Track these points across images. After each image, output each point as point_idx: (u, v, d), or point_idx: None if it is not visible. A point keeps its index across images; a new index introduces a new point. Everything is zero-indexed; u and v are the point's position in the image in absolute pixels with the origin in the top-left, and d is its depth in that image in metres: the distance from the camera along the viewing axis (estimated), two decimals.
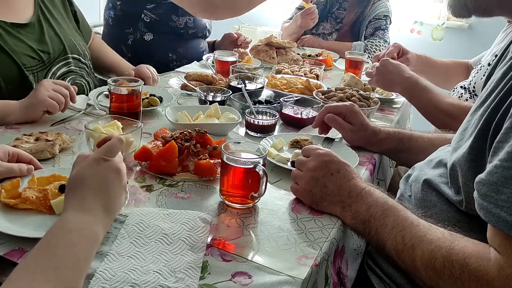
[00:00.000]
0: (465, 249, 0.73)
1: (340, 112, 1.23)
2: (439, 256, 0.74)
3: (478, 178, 0.75)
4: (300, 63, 2.17)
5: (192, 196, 0.94)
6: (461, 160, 0.84)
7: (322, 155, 0.94)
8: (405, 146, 1.21)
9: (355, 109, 1.23)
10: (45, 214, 0.82)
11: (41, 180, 0.89)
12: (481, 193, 0.73)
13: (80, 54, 1.52)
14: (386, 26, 2.64)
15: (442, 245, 0.75)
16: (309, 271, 0.74)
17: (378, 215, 0.83)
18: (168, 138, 1.04)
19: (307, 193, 0.93)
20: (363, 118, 1.23)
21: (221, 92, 1.50)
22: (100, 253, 0.74)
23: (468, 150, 0.82)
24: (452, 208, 0.88)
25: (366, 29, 2.64)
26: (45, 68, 1.38)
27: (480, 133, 0.80)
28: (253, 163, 0.89)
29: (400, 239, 0.79)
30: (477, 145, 0.81)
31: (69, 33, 1.50)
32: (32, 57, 1.34)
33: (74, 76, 1.48)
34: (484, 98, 0.86)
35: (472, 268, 0.71)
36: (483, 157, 0.79)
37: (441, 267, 0.73)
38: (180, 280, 0.70)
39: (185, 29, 2.05)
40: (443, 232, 0.78)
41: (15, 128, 1.18)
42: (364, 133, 1.22)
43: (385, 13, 2.64)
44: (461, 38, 3.43)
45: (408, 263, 0.78)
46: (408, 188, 1.02)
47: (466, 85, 1.70)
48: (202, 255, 0.75)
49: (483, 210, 0.72)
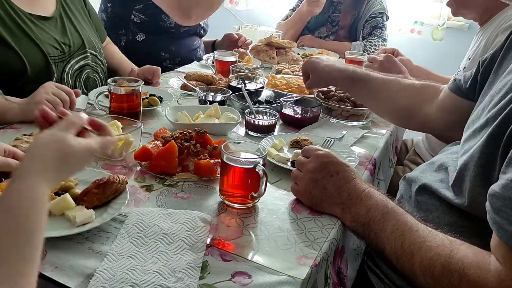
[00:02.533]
0: (465, 258, 0.72)
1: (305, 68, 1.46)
2: (438, 264, 0.73)
3: (492, 190, 0.72)
4: (300, 63, 2.17)
5: (192, 196, 0.94)
6: (470, 164, 0.82)
7: (321, 156, 0.94)
8: (358, 85, 1.31)
9: (312, 59, 1.48)
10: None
11: None
12: (494, 207, 0.71)
13: (96, 51, 1.57)
14: (383, 23, 2.62)
15: (441, 253, 0.74)
16: (309, 271, 0.74)
17: (378, 218, 0.83)
18: (168, 138, 1.04)
19: (307, 194, 0.93)
20: (315, 66, 1.42)
21: (221, 92, 1.50)
22: (100, 253, 0.74)
23: (479, 154, 0.80)
24: (453, 213, 0.87)
25: (363, 28, 2.62)
26: (66, 59, 1.45)
27: (491, 138, 0.78)
28: (253, 163, 0.89)
29: (399, 244, 0.78)
30: (488, 150, 0.79)
31: (87, 30, 1.56)
32: (55, 48, 1.41)
33: (89, 70, 1.53)
34: (498, 100, 0.83)
35: (471, 279, 0.70)
36: (493, 163, 0.77)
37: (439, 275, 0.73)
38: (179, 280, 0.70)
39: (176, 28, 2.05)
40: (443, 239, 0.77)
41: (15, 128, 1.18)
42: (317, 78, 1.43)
43: (381, 10, 2.61)
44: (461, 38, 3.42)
45: (407, 269, 0.77)
46: (408, 189, 1.02)
47: None
48: (202, 255, 0.75)
49: (495, 225, 0.70)
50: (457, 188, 0.86)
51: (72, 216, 0.79)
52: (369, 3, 2.63)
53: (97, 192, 0.84)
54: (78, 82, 1.49)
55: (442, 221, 0.88)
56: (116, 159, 1.05)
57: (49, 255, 0.72)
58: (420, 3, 3.47)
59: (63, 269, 0.70)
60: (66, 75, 1.43)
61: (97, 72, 1.57)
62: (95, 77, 1.56)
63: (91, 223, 0.79)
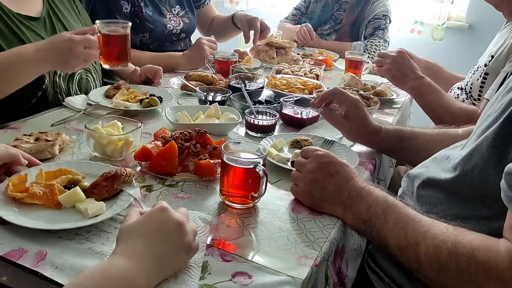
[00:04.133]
0: (472, 242, 0.72)
1: (344, 100, 1.19)
2: (444, 249, 0.73)
3: (508, 168, 0.72)
4: (300, 63, 2.17)
5: (192, 196, 0.94)
6: (483, 145, 0.82)
7: (321, 157, 0.94)
8: (405, 144, 1.20)
9: (359, 104, 1.19)
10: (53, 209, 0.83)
11: (48, 174, 0.90)
12: (510, 184, 0.71)
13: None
14: (386, 25, 2.63)
15: (447, 239, 0.74)
16: (309, 271, 0.74)
17: (379, 213, 0.83)
18: (168, 138, 1.04)
19: (307, 194, 0.93)
20: (363, 115, 1.19)
21: (221, 92, 1.50)
22: (100, 253, 0.74)
23: (494, 135, 0.80)
24: (458, 205, 0.87)
25: (365, 29, 2.63)
26: None
27: (509, 119, 0.79)
28: (253, 163, 0.89)
29: (403, 236, 0.78)
30: (504, 132, 0.79)
31: (76, 28, 1.51)
32: None
33: (82, 71, 1.50)
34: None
35: (481, 260, 0.69)
36: (508, 144, 0.78)
37: (446, 260, 0.72)
38: (180, 280, 0.69)
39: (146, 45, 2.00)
40: (447, 226, 0.77)
41: (15, 128, 1.18)
42: (363, 130, 1.20)
43: (384, 13, 2.63)
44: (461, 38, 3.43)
45: (412, 259, 0.77)
46: (410, 185, 1.01)
47: (463, 86, 1.71)
48: (202, 255, 0.75)
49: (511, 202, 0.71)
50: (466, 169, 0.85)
51: (84, 208, 0.81)
52: (373, 4, 2.64)
53: (106, 185, 0.86)
54: (71, 84, 1.44)
55: (447, 213, 0.87)
56: (116, 159, 1.05)
57: (49, 255, 0.72)
58: (420, 3, 3.47)
59: (63, 270, 0.69)
60: (58, 78, 1.38)
61: (89, 71, 1.53)
62: (88, 77, 1.52)
63: (102, 214, 0.81)
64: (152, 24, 1.95)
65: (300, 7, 2.84)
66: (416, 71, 1.59)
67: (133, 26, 1.88)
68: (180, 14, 2.08)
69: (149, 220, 0.69)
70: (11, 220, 0.77)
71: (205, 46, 1.87)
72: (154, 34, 1.96)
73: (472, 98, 1.63)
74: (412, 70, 1.59)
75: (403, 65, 1.61)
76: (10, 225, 0.77)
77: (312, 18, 2.74)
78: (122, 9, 1.87)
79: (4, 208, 0.81)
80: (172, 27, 2.03)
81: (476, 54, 1.95)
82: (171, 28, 2.02)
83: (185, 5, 2.12)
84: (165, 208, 0.70)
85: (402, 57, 1.62)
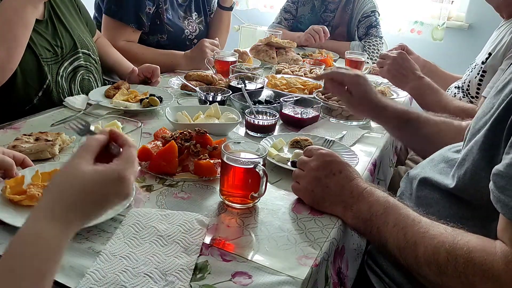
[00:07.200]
0: (469, 243, 0.72)
1: (343, 80, 1.24)
2: (442, 251, 0.73)
3: (496, 170, 0.73)
4: (300, 63, 2.17)
5: (192, 196, 0.94)
6: (474, 148, 0.83)
7: (324, 155, 0.94)
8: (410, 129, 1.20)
9: (359, 81, 1.22)
10: None
11: (44, 175, 0.90)
12: (498, 185, 0.72)
13: (89, 50, 1.55)
14: (377, 21, 2.61)
15: (445, 240, 0.74)
16: (309, 271, 0.74)
17: (380, 213, 0.83)
18: (168, 138, 1.04)
19: (309, 192, 0.93)
20: (365, 90, 1.21)
21: (221, 92, 1.49)
22: (93, 250, 0.74)
23: (483, 139, 0.81)
24: (454, 205, 0.88)
25: (357, 29, 2.62)
26: (59, 61, 1.42)
27: (496, 121, 0.79)
28: (253, 163, 0.89)
29: (402, 236, 0.78)
30: (492, 134, 0.79)
31: (78, 29, 1.53)
32: (48, 50, 1.39)
33: (83, 71, 1.51)
34: (504, 85, 0.84)
35: (477, 262, 0.70)
36: (497, 146, 0.78)
37: (444, 262, 0.73)
38: (170, 283, 0.69)
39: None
40: (446, 228, 0.77)
41: (15, 128, 1.18)
42: (366, 106, 1.22)
43: (372, 9, 2.61)
44: (461, 38, 3.42)
45: (411, 260, 0.77)
46: (409, 186, 1.02)
47: (460, 85, 1.71)
48: (195, 258, 0.75)
49: (500, 203, 0.71)
50: (459, 174, 0.86)
51: None
52: (358, 2, 2.62)
53: None
54: (73, 84, 1.46)
55: (443, 214, 0.87)
56: None
57: None
58: (420, 3, 3.47)
59: (63, 269, 0.69)
60: (60, 78, 1.39)
61: (91, 72, 1.54)
62: (89, 78, 1.53)
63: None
64: (171, 27, 2.01)
65: (290, 9, 2.80)
66: (416, 72, 1.60)
67: (153, 27, 1.97)
68: (197, 20, 2.16)
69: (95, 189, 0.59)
70: (9, 222, 0.76)
71: (207, 48, 1.89)
72: (171, 37, 2.02)
73: (470, 96, 1.64)
74: (412, 71, 1.60)
75: (403, 65, 1.62)
76: (9, 226, 0.77)
77: (303, 22, 2.73)
78: (146, 8, 1.91)
79: (2, 210, 0.80)
80: (189, 32, 2.10)
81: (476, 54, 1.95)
82: (188, 33, 2.09)
83: (202, 12, 2.19)
84: (122, 178, 0.60)
85: (403, 58, 1.62)
